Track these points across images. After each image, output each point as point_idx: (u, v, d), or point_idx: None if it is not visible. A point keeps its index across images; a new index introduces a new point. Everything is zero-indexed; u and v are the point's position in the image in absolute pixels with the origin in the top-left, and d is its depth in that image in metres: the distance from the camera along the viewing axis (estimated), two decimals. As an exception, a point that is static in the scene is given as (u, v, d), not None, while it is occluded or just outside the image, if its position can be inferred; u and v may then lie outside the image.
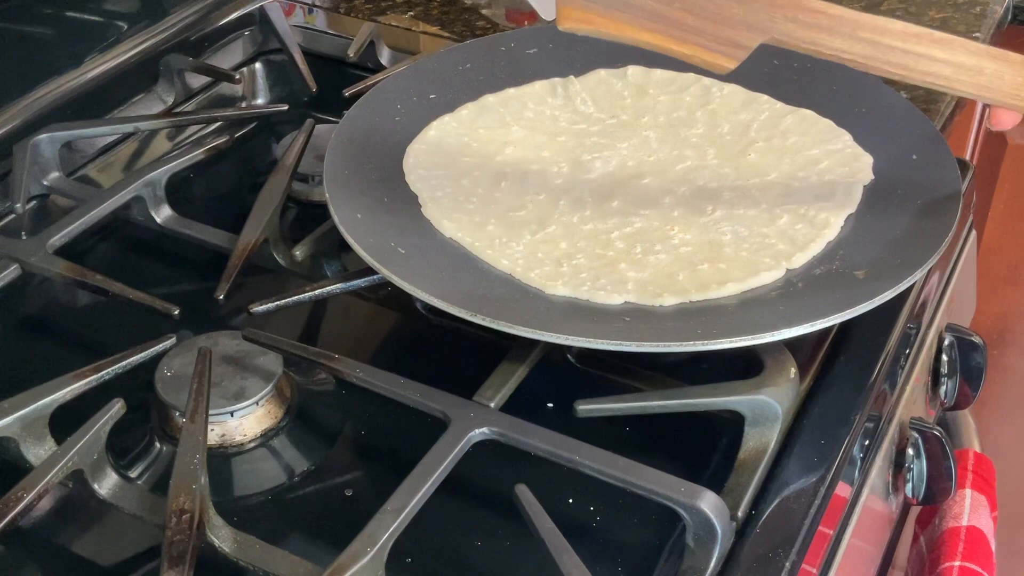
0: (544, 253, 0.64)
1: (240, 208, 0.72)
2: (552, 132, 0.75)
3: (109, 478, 0.54)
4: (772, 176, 0.70)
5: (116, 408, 0.55)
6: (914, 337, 0.69)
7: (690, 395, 0.58)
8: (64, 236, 0.68)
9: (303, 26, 0.94)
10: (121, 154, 0.83)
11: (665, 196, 0.69)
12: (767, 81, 0.78)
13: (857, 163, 0.70)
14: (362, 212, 0.65)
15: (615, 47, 0.82)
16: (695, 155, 0.73)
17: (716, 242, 0.65)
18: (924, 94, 0.85)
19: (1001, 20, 0.98)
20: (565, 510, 0.55)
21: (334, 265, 0.71)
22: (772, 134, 0.74)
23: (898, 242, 0.63)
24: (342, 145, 0.70)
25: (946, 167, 0.68)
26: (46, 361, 0.64)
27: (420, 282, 0.59)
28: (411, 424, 0.58)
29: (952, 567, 0.69)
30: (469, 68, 0.79)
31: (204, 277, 0.68)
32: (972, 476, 0.74)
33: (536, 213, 0.68)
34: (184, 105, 0.87)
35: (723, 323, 0.59)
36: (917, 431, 0.69)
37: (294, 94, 0.90)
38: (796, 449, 0.57)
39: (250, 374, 0.59)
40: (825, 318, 0.57)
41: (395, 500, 0.50)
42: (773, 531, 0.53)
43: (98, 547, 0.55)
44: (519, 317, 0.57)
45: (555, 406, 0.60)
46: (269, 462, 0.59)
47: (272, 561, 0.50)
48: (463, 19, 0.96)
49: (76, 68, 0.83)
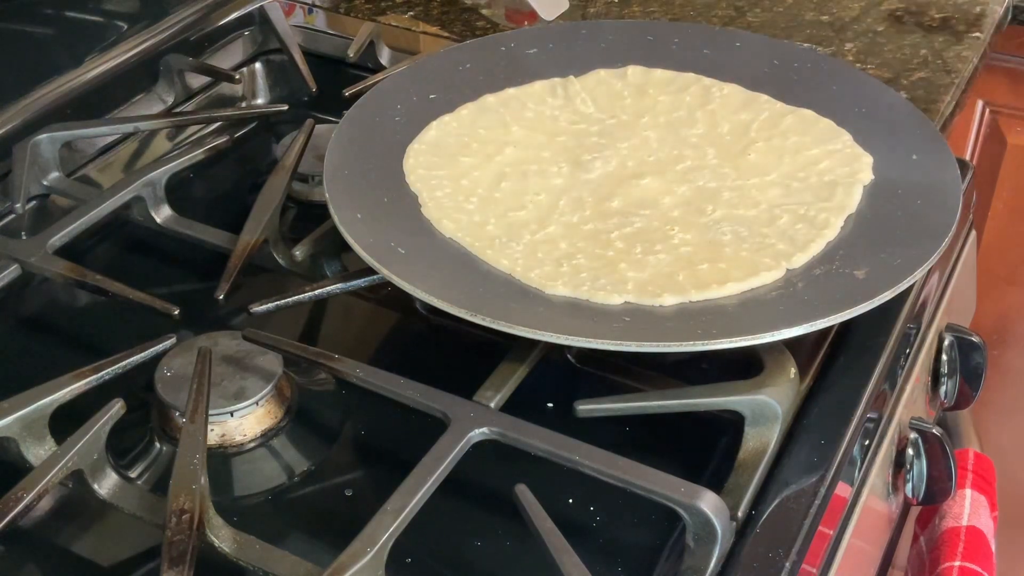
0: (544, 253, 0.64)
1: (240, 208, 0.72)
2: (552, 132, 0.75)
3: (109, 478, 0.54)
4: (772, 176, 0.70)
5: (116, 408, 0.55)
6: (914, 337, 0.69)
7: (690, 395, 0.58)
8: (64, 236, 0.68)
9: (303, 26, 0.94)
10: (121, 154, 0.83)
11: (665, 196, 0.69)
12: (767, 81, 0.78)
13: (857, 163, 0.70)
14: (362, 212, 0.65)
15: (615, 47, 0.82)
16: (695, 155, 0.73)
17: (716, 242, 0.65)
18: (924, 94, 0.85)
19: (1001, 20, 0.98)
20: (565, 510, 0.55)
21: (334, 265, 0.71)
22: (772, 134, 0.74)
23: (898, 242, 0.63)
24: (342, 145, 0.70)
25: (946, 167, 0.68)
26: (46, 361, 0.64)
27: (420, 282, 0.59)
28: (411, 424, 0.58)
29: (952, 567, 0.69)
30: (469, 68, 0.79)
31: (204, 277, 0.68)
32: (972, 476, 0.74)
33: (536, 213, 0.68)
34: (184, 105, 0.87)
35: (723, 323, 0.59)
36: (917, 431, 0.69)
37: (294, 94, 0.90)
38: (796, 449, 0.57)
39: (250, 374, 0.59)
40: (825, 318, 0.57)
41: (395, 500, 0.50)
42: (773, 531, 0.53)
43: (98, 547, 0.55)
44: (519, 317, 0.57)
45: (555, 406, 0.60)
46: (269, 462, 0.59)
47: (272, 561, 0.50)
48: (463, 19, 0.96)
49: (76, 68, 0.83)
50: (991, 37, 0.94)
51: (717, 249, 0.64)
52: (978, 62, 0.91)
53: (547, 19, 0.94)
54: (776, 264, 0.63)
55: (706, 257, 0.64)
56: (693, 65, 0.80)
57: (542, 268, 0.63)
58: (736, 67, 0.79)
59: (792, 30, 0.94)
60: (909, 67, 0.88)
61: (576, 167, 0.72)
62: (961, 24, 0.95)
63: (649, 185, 0.70)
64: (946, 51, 0.91)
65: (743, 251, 0.64)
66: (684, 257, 0.64)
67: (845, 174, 0.70)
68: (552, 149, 0.73)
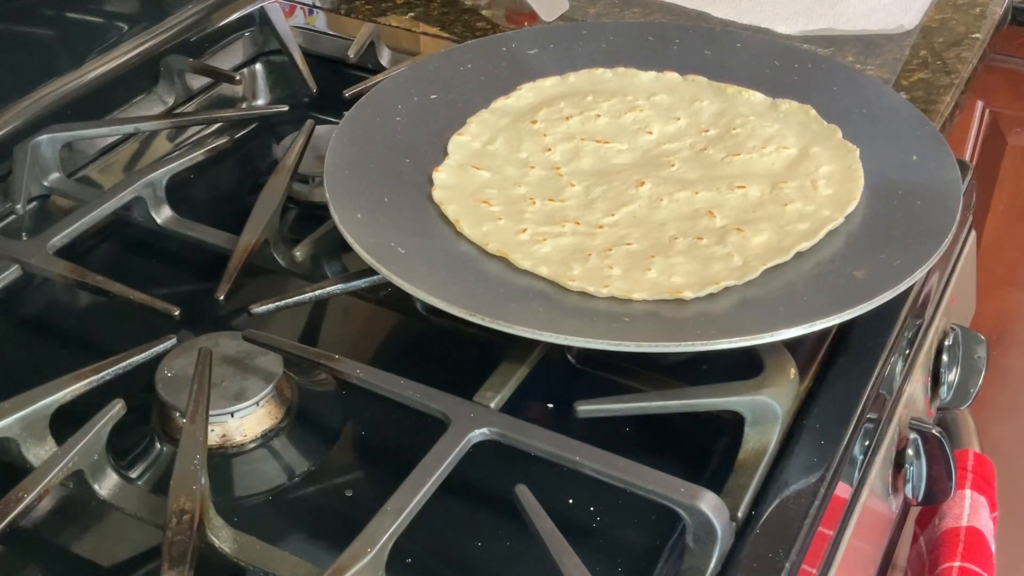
0: (544, 254, 0.64)
1: (240, 209, 0.72)
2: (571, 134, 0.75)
3: (109, 479, 0.54)
4: (771, 176, 0.70)
5: (116, 409, 0.55)
6: (914, 337, 0.69)
7: (690, 395, 0.58)
8: (64, 237, 0.69)
9: (303, 27, 0.94)
10: (121, 155, 0.83)
11: (662, 199, 0.69)
12: (767, 81, 0.78)
13: (856, 163, 0.70)
14: (362, 212, 0.65)
15: (615, 47, 0.82)
16: (692, 157, 0.73)
17: (714, 242, 0.65)
18: (924, 95, 0.85)
19: (1001, 21, 0.98)
20: (565, 510, 0.55)
21: (334, 266, 0.71)
22: (771, 134, 0.73)
23: (898, 242, 0.63)
24: (342, 146, 0.70)
25: (946, 167, 0.68)
26: (46, 362, 0.64)
27: (420, 282, 0.59)
28: (411, 424, 0.58)
29: (952, 567, 0.69)
30: (470, 69, 0.79)
31: (204, 278, 0.68)
32: (972, 476, 0.74)
33: (542, 214, 0.68)
34: (184, 106, 0.87)
35: (723, 323, 0.59)
36: (917, 431, 0.69)
37: (294, 95, 0.90)
38: (796, 449, 0.57)
39: (250, 375, 0.59)
40: (825, 318, 0.57)
41: (395, 500, 0.50)
42: (773, 531, 0.53)
43: (98, 548, 0.55)
44: (519, 317, 0.57)
45: (555, 406, 0.60)
46: (269, 462, 0.59)
47: (272, 561, 0.50)
48: (463, 20, 0.97)
49: (77, 69, 0.83)
50: (991, 38, 0.94)
51: (715, 249, 0.64)
52: (978, 63, 0.91)
53: (547, 20, 0.94)
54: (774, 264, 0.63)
55: (704, 257, 0.64)
56: (694, 66, 0.80)
57: (542, 269, 0.63)
58: (736, 67, 0.79)
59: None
60: (909, 67, 0.89)
61: (577, 175, 0.72)
62: (960, 25, 0.95)
63: (646, 189, 0.70)
64: (946, 51, 0.91)
65: (742, 251, 0.64)
66: (682, 257, 0.64)
67: (845, 173, 0.69)
68: (563, 152, 0.74)
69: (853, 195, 0.68)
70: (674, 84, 0.79)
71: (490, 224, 0.67)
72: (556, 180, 0.71)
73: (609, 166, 0.72)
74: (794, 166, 0.71)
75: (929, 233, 0.63)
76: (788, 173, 0.70)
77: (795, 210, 0.67)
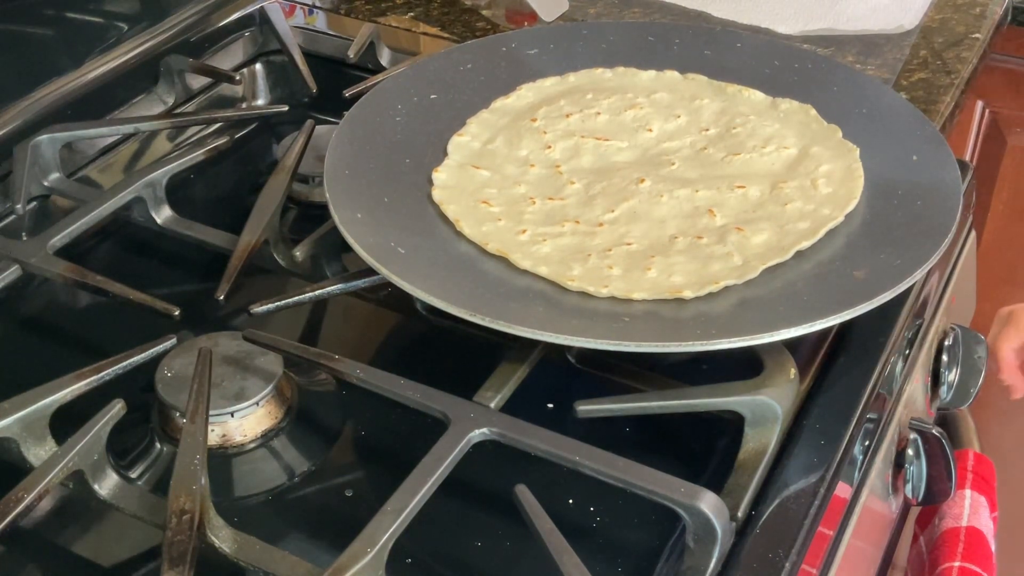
0: (544, 254, 0.64)
1: (240, 209, 0.72)
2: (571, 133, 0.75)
3: (109, 479, 0.54)
4: (771, 175, 0.70)
5: (116, 409, 0.55)
6: (914, 337, 0.69)
7: (690, 395, 0.57)
8: (64, 237, 0.69)
9: (303, 27, 0.94)
10: (121, 155, 0.83)
11: (662, 195, 0.69)
12: (767, 81, 0.78)
13: (856, 163, 0.70)
14: (362, 212, 0.65)
15: (616, 47, 0.82)
16: (693, 156, 0.73)
17: (714, 241, 0.65)
18: (924, 95, 0.85)
19: (1000, 21, 0.98)
20: (565, 510, 0.55)
21: (334, 266, 0.71)
22: (771, 133, 0.74)
23: (898, 242, 0.63)
24: (342, 146, 0.70)
25: (946, 167, 0.68)
26: (46, 361, 0.64)
27: (420, 282, 0.59)
28: (411, 424, 0.58)
29: (952, 567, 0.69)
30: (470, 68, 0.79)
31: (204, 278, 0.68)
32: (972, 476, 0.74)
33: (542, 214, 0.68)
34: (184, 106, 0.87)
35: (723, 323, 0.59)
36: (917, 431, 0.69)
37: (294, 95, 0.90)
38: (796, 449, 0.57)
39: (250, 375, 0.59)
40: (825, 318, 0.57)
41: (395, 500, 0.50)
42: (773, 531, 0.53)
43: (98, 548, 0.55)
44: (519, 317, 0.57)
45: (555, 406, 0.60)
46: (269, 462, 0.59)
47: (272, 561, 0.50)
48: (463, 20, 0.97)
49: (77, 69, 0.83)
50: (991, 38, 0.95)
51: (715, 249, 0.64)
52: (977, 63, 0.91)
53: (547, 20, 0.94)
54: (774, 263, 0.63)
55: (704, 257, 0.64)
56: (694, 66, 0.80)
57: (542, 269, 0.63)
58: (736, 67, 0.79)
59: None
60: (909, 67, 0.89)
61: (579, 173, 0.72)
62: (960, 25, 0.95)
63: (646, 188, 0.70)
64: (946, 51, 0.91)
65: (742, 250, 0.64)
66: (682, 257, 0.64)
67: (844, 173, 0.69)
68: (564, 151, 0.74)
69: (853, 194, 0.68)
70: (674, 82, 0.79)
71: (490, 224, 0.67)
72: (556, 178, 0.71)
73: (609, 164, 0.72)
74: (794, 166, 0.71)
75: (929, 233, 0.63)
76: (788, 173, 0.70)
77: (795, 209, 0.67)
